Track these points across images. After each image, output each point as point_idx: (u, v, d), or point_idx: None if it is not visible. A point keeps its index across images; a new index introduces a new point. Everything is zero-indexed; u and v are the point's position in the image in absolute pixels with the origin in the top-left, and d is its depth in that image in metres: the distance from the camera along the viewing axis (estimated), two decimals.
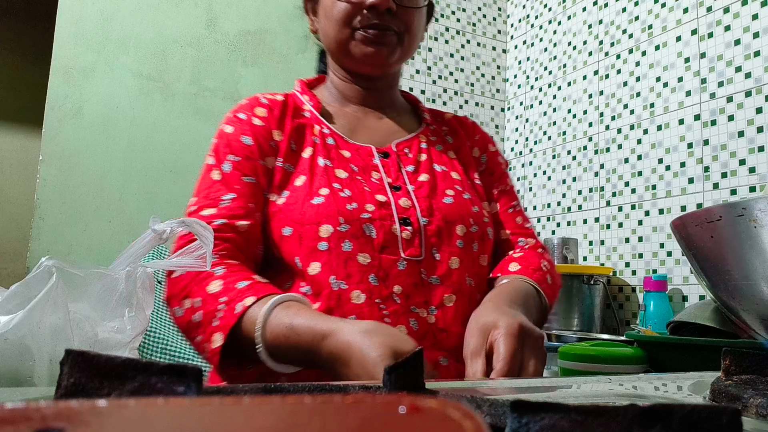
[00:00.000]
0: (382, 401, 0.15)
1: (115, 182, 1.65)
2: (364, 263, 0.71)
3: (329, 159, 0.78)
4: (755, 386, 0.35)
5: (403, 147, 0.84)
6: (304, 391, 0.32)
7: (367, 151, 0.81)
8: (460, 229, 0.78)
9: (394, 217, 0.74)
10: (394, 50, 0.81)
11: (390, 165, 0.81)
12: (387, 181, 0.78)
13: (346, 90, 0.88)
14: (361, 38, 0.80)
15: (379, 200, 0.75)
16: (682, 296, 1.54)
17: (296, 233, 0.73)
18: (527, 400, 0.19)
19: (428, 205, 0.77)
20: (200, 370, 0.22)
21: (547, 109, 2.12)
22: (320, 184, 0.75)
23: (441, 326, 0.73)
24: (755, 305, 0.44)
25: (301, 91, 0.89)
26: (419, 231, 0.75)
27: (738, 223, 0.43)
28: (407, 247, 0.74)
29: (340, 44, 0.82)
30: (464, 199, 0.81)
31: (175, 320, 0.70)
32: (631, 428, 0.18)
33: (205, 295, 0.65)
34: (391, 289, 0.72)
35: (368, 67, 0.84)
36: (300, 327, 0.59)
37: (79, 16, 1.67)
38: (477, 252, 0.79)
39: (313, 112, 0.84)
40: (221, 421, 0.14)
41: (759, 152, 1.40)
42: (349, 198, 0.74)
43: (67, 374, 0.22)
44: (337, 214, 0.72)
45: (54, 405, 0.14)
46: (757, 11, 1.44)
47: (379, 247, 0.73)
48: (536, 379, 0.54)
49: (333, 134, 0.82)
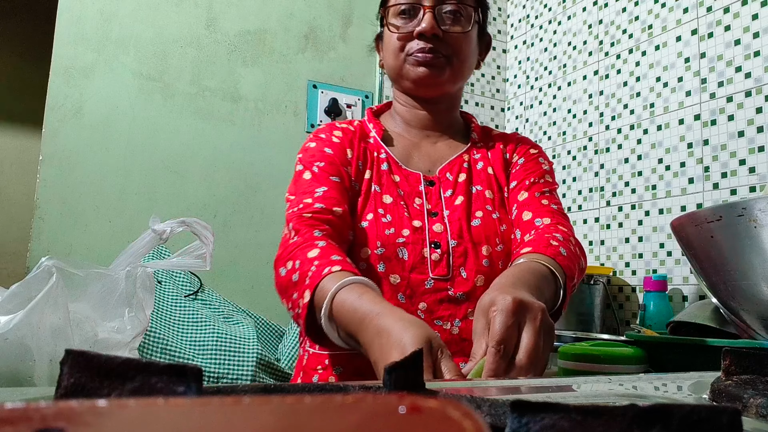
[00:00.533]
0: (382, 401, 0.15)
1: (115, 182, 1.65)
2: (394, 283, 0.81)
3: (380, 185, 0.89)
4: (755, 386, 0.35)
5: (445, 171, 0.93)
6: (304, 391, 0.32)
7: (416, 178, 0.91)
8: (485, 250, 0.85)
9: (425, 242, 0.84)
10: (443, 71, 0.90)
11: (433, 192, 0.90)
12: (426, 207, 0.87)
13: (407, 115, 0.98)
14: (412, 62, 0.90)
15: (415, 226, 0.85)
16: (682, 296, 1.54)
17: (349, 251, 0.82)
18: (527, 400, 0.19)
19: (458, 228, 0.86)
20: (200, 370, 0.22)
21: (547, 109, 2.12)
22: (369, 208, 0.86)
23: (464, 336, 0.80)
24: (755, 305, 0.44)
25: (368, 119, 0.99)
26: (447, 252, 0.84)
27: (738, 223, 0.43)
28: (435, 267, 0.83)
29: (397, 70, 0.92)
30: (492, 220, 0.88)
31: (276, 282, 0.79)
32: (631, 428, 0.18)
33: (304, 258, 0.74)
34: (416, 305, 0.81)
35: (422, 88, 0.93)
36: (365, 300, 0.65)
37: (79, 16, 1.67)
38: (502, 269, 0.85)
39: (376, 138, 0.95)
40: (221, 421, 0.14)
41: (759, 152, 1.40)
42: (389, 223, 0.84)
43: (67, 374, 0.22)
44: (375, 238, 0.82)
45: (54, 405, 0.14)
46: (757, 11, 1.44)
47: (409, 268, 0.82)
48: (536, 379, 0.54)
49: (389, 158, 0.92)
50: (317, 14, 1.98)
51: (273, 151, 1.87)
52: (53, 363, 0.43)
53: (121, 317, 0.49)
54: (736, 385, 0.35)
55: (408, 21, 0.90)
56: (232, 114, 1.83)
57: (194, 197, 1.75)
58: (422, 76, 0.89)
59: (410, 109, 0.97)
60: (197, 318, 1.33)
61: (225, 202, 1.78)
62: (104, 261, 1.60)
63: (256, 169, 1.84)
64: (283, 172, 1.87)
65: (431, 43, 0.88)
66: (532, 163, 0.96)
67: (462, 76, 0.93)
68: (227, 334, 1.30)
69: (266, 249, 1.80)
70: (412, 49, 0.89)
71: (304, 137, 1.92)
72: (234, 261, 1.76)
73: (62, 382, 0.22)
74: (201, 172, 1.76)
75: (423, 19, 0.88)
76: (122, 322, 0.48)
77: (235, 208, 1.79)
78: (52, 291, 0.44)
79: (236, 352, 1.27)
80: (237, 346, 1.28)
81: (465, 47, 0.91)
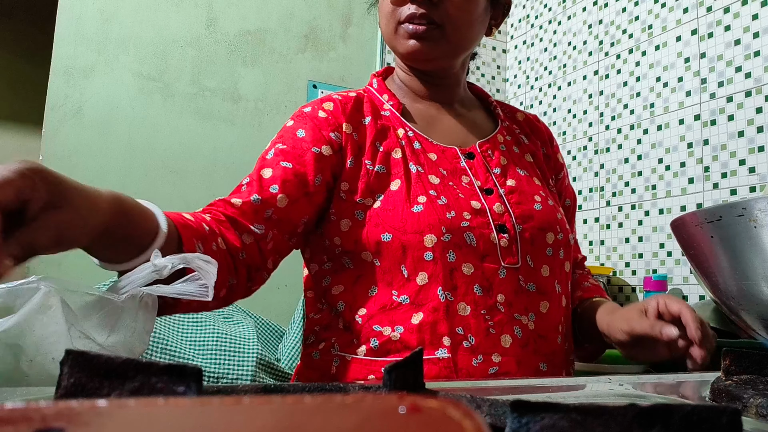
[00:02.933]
0: (382, 401, 0.15)
1: (115, 182, 1.65)
2: (468, 273, 0.71)
3: (420, 164, 0.77)
4: (755, 386, 0.35)
5: (486, 148, 0.83)
6: (304, 391, 0.32)
7: (452, 153, 0.80)
8: (549, 237, 0.78)
9: (490, 225, 0.74)
10: (436, 44, 0.78)
11: (477, 167, 0.80)
12: (477, 185, 0.78)
13: (411, 83, 0.87)
14: (402, 33, 0.78)
15: (474, 207, 0.75)
16: (682, 296, 1.54)
17: (397, 240, 0.71)
18: (527, 400, 0.19)
19: (521, 212, 0.77)
20: (200, 370, 0.22)
21: (547, 109, 2.12)
22: (417, 191, 0.74)
23: (541, 333, 0.74)
24: (755, 305, 0.44)
25: (378, 89, 0.86)
26: (515, 239, 0.75)
27: (738, 223, 0.43)
28: (505, 255, 0.74)
29: (388, 38, 0.81)
30: (550, 206, 0.81)
31: None
32: (631, 428, 0.18)
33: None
34: (495, 298, 0.72)
35: (414, 63, 0.83)
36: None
37: (79, 16, 1.67)
38: (563, 259, 0.80)
39: (394, 112, 0.83)
40: (221, 421, 0.14)
41: (759, 152, 1.40)
42: (446, 206, 0.73)
43: (67, 374, 0.22)
44: (438, 224, 0.71)
45: (54, 405, 0.14)
46: (757, 11, 1.44)
47: (480, 256, 0.72)
48: (536, 379, 0.54)
49: (417, 136, 0.80)
50: (317, 14, 1.98)
51: None
52: (54, 362, 0.43)
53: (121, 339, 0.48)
54: (736, 385, 0.35)
55: None
56: (232, 114, 1.83)
57: (194, 197, 1.75)
58: (412, 50, 0.78)
59: (412, 77, 0.86)
60: (197, 318, 1.33)
61: None
62: None
63: None
64: None
65: (423, 7, 0.75)
66: (564, 178, 0.94)
67: (462, 47, 0.81)
68: (227, 334, 1.30)
69: None
70: (403, 15, 0.77)
71: None
72: None
73: (62, 382, 0.22)
74: (201, 172, 1.76)
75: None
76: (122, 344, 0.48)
77: None
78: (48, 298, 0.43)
79: (236, 352, 1.27)
80: (237, 346, 1.28)
81: (465, 14, 0.78)
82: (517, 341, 0.71)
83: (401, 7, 0.77)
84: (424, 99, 0.87)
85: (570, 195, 0.96)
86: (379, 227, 0.73)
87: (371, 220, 0.73)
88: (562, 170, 0.94)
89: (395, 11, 0.78)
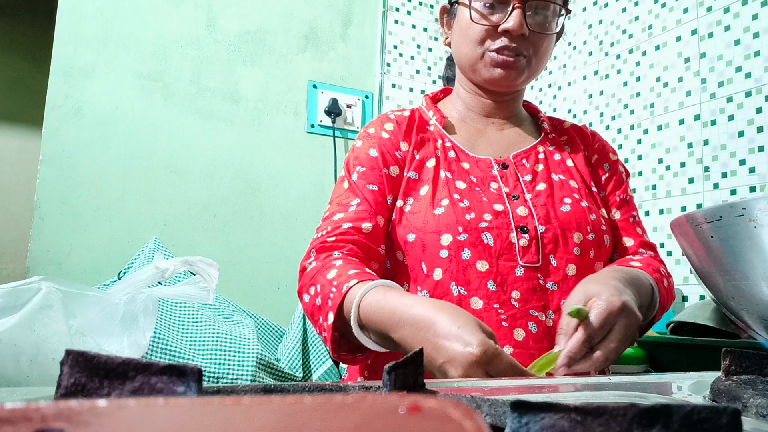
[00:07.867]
0: (382, 401, 0.15)
1: (115, 182, 1.65)
2: (482, 270, 0.75)
3: (450, 171, 0.83)
4: (755, 386, 0.35)
5: (521, 158, 0.87)
6: (304, 391, 0.32)
7: (486, 163, 0.85)
8: (576, 237, 0.80)
9: (510, 226, 0.78)
10: (521, 73, 0.84)
11: (508, 175, 0.84)
12: (504, 191, 0.82)
13: (471, 102, 0.92)
14: (490, 60, 0.84)
15: (497, 210, 0.79)
16: (682, 296, 1.54)
17: (419, 240, 0.78)
18: (527, 400, 0.19)
19: (545, 213, 0.80)
20: (200, 370, 0.22)
21: (547, 109, 2.11)
22: (442, 195, 0.80)
23: None
24: (755, 305, 0.44)
25: (427, 106, 0.94)
26: (536, 238, 0.78)
27: (738, 223, 0.43)
28: (524, 254, 0.77)
29: (471, 62, 0.86)
30: (581, 207, 0.83)
31: (304, 308, 0.77)
32: (631, 428, 0.18)
33: (324, 281, 0.72)
34: (509, 294, 0.75)
35: (497, 88, 0.88)
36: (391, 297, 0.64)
37: (79, 16, 1.67)
38: (594, 259, 0.81)
39: (437, 126, 0.90)
40: (221, 421, 0.14)
41: (759, 152, 1.40)
42: (467, 208, 0.78)
43: (67, 374, 0.22)
44: (456, 224, 0.76)
45: (54, 405, 0.14)
46: (757, 11, 1.44)
47: (496, 254, 0.76)
48: (536, 379, 0.54)
49: (454, 147, 0.86)
50: (317, 14, 1.98)
51: (273, 151, 1.87)
52: (54, 362, 0.43)
53: (120, 341, 0.48)
54: (736, 385, 0.35)
55: (492, 12, 0.82)
56: (232, 114, 1.83)
57: (194, 197, 1.75)
58: (497, 78, 0.84)
59: (476, 97, 0.92)
60: (197, 318, 1.33)
61: (225, 202, 1.78)
62: (104, 261, 1.60)
63: (255, 169, 1.84)
64: (283, 172, 1.87)
65: (515, 42, 0.82)
66: (618, 175, 0.93)
67: (537, 74, 0.89)
68: (227, 334, 1.30)
69: (266, 249, 1.80)
70: (494, 46, 0.83)
71: (304, 137, 1.92)
72: (234, 261, 1.76)
73: (62, 382, 0.22)
74: (201, 172, 1.76)
75: (511, 16, 0.80)
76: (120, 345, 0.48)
77: (234, 208, 1.79)
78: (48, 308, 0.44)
79: (236, 352, 1.27)
80: (237, 346, 1.28)
81: (547, 47, 0.85)
82: (531, 336, 0.73)
83: (491, 37, 0.83)
84: (480, 115, 0.92)
85: (625, 207, 0.92)
86: (406, 228, 0.80)
87: (401, 222, 0.81)
88: (622, 180, 0.93)
89: (485, 39, 0.83)
